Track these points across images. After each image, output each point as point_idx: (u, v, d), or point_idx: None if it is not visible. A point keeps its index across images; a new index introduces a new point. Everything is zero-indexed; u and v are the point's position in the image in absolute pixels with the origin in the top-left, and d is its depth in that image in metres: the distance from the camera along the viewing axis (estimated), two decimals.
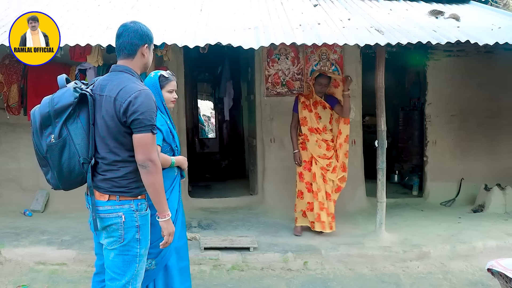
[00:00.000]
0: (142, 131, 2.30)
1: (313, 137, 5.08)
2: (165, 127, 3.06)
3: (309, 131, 5.09)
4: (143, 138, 2.31)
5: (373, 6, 6.04)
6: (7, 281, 4.09)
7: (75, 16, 4.98)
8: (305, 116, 5.11)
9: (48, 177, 2.44)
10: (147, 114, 2.29)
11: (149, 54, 2.53)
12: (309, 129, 5.09)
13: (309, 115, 5.08)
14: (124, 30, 2.46)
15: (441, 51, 6.70)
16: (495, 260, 3.09)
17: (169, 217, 2.48)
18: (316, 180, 5.02)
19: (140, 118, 2.28)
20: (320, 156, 5.06)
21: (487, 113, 6.82)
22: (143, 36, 2.47)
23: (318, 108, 5.08)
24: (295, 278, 4.32)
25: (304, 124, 5.11)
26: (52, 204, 6.09)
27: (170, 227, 2.50)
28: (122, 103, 2.28)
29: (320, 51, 6.41)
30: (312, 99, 5.10)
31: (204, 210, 6.23)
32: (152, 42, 2.56)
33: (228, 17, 5.17)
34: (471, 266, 4.55)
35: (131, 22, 2.50)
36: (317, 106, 5.08)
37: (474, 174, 6.80)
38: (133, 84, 2.35)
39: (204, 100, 16.23)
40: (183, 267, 3.20)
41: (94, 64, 5.47)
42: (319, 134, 5.07)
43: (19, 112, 5.97)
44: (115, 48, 2.50)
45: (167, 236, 2.50)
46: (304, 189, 5.13)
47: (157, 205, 2.43)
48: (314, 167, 5.06)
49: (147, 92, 2.35)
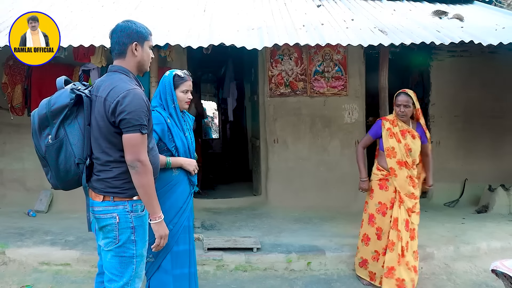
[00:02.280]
0: (130, 131, 2.29)
1: (403, 172, 4.02)
2: (162, 126, 3.01)
3: (398, 164, 4.02)
4: (131, 138, 2.29)
5: (376, 6, 6.04)
6: (11, 281, 4.10)
7: (78, 17, 5.00)
8: (393, 146, 4.02)
9: (48, 177, 2.45)
10: (134, 114, 2.28)
11: (142, 52, 2.48)
12: (398, 162, 4.02)
13: (398, 145, 4.01)
14: (113, 30, 2.47)
15: (444, 52, 6.69)
16: (499, 261, 3.07)
17: (161, 219, 2.46)
18: (398, 227, 4.00)
19: (128, 118, 2.27)
20: (408, 195, 4.06)
21: (491, 114, 6.80)
22: (130, 35, 2.44)
23: (407, 138, 4.01)
24: (299, 279, 4.32)
25: (392, 156, 4.03)
26: (56, 204, 6.11)
27: (162, 230, 2.48)
28: (111, 103, 2.28)
29: (324, 51, 6.41)
30: (398, 126, 4.06)
31: (207, 211, 6.23)
32: (146, 39, 2.50)
33: (232, 18, 5.17)
34: (475, 267, 4.53)
35: (122, 21, 2.49)
36: (406, 135, 4.02)
37: (478, 174, 6.78)
38: (123, 84, 2.34)
39: (207, 100, 16.25)
40: (179, 274, 3.09)
41: (98, 65, 5.50)
42: (408, 169, 4.03)
43: (23, 112, 6.01)
44: None
45: (159, 238, 2.49)
46: (373, 235, 4.14)
47: (147, 206, 2.42)
48: (396, 210, 4.03)
49: (136, 92, 2.32)
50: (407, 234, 4.00)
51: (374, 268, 4.13)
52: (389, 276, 3.93)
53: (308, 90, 6.43)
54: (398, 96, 4.02)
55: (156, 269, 2.99)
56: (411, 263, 3.96)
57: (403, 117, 4.01)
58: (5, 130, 6.23)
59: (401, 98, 3.99)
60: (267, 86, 6.47)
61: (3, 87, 5.96)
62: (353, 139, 5.27)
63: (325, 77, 6.50)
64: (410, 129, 4.02)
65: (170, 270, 3.02)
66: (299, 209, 6.04)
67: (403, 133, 4.02)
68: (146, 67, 2.57)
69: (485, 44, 4.41)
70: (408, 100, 3.97)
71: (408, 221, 4.03)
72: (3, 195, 6.25)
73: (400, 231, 3.98)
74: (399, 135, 4.01)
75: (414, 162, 4.03)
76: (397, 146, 4.00)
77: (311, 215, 5.90)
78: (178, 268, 3.09)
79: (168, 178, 3.03)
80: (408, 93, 3.99)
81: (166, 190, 3.01)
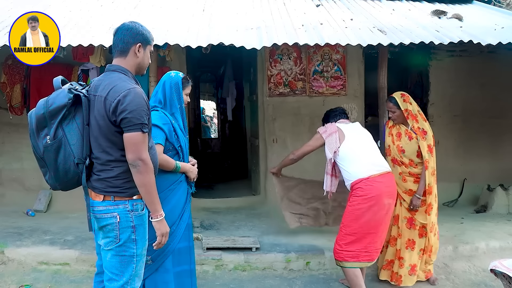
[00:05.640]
0: (131, 130, 2.29)
1: (396, 170, 4.11)
2: (168, 126, 3.03)
3: (392, 162, 4.14)
4: (132, 137, 2.30)
5: (375, 6, 6.04)
6: (10, 281, 4.10)
7: (77, 17, 4.99)
8: (389, 145, 4.20)
9: (46, 178, 2.45)
10: (136, 112, 2.28)
11: (143, 54, 2.50)
12: (392, 160, 4.15)
13: (392, 145, 4.17)
14: (120, 28, 2.48)
15: (443, 51, 6.69)
16: (498, 261, 3.08)
17: (162, 217, 2.47)
18: (399, 223, 4.12)
19: (129, 117, 2.27)
20: (405, 191, 4.10)
21: (490, 113, 6.81)
22: (136, 35, 2.46)
23: (403, 140, 4.10)
24: (298, 279, 4.32)
25: (388, 153, 4.21)
26: (55, 204, 6.11)
27: (163, 228, 2.50)
28: (112, 102, 2.28)
29: (323, 51, 6.42)
30: (396, 128, 4.19)
31: (206, 210, 6.24)
32: (149, 43, 2.54)
33: (231, 17, 5.17)
34: (474, 267, 4.54)
35: (129, 22, 2.52)
36: (401, 137, 4.12)
37: (477, 174, 6.78)
38: (123, 83, 2.34)
39: (206, 100, 16.26)
40: (181, 271, 3.12)
41: (97, 65, 5.50)
42: (406, 167, 4.09)
43: (22, 112, 6.00)
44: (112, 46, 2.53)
45: (160, 236, 2.50)
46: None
47: (149, 205, 2.43)
48: (397, 207, 4.12)
49: (136, 91, 2.33)
50: (411, 232, 4.07)
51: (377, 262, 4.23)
52: (386, 268, 4.18)
53: (307, 89, 6.43)
54: (386, 102, 4.28)
55: (155, 270, 2.99)
56: (409, 261, 4.04)
57: (394, 120, 4.18)
58: (4, 130, 6.23)
59: (386, 103, 4.24)
60: (266, 86, 6.47)
61: (2, 87, 5.95)
62: None
63: (324, 76, 6.50)
64: (408, 130, 4.09)
65: (171, 269, 3.04)
66: None
67: (399, 135, 4.14)
68: (143, 71, 2.59)
69: (484, 44, 4.41)
70: (390, 105, 4.14)
71: (411, 219, 4.09)
72: (2, 195, 6.25)
73: (400, 228, 4.12)
74: (395, 136, 4.16)
75: (412, 161, 4.06)
76: (391, 145, 4.18)
77: None
78: (179, 265, 3.12)
79: (173, 179, 3.05)
80: (394, 97, 4.12)
81: (168, 193, 3.01)
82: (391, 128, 4.23)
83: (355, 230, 3.68)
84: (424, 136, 4.00)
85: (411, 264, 4.05)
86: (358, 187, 3.70)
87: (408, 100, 4.09)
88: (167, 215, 2.56)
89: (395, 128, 4.19)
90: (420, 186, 4.02)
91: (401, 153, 4.10)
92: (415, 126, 4.04)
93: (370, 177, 3.69)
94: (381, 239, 3.79)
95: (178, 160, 3.09)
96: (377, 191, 3.65)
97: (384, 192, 3.69)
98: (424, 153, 3.97)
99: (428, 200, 4.01)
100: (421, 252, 4.08)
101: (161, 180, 2.44)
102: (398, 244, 4.11)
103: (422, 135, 4.01)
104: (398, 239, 4.12)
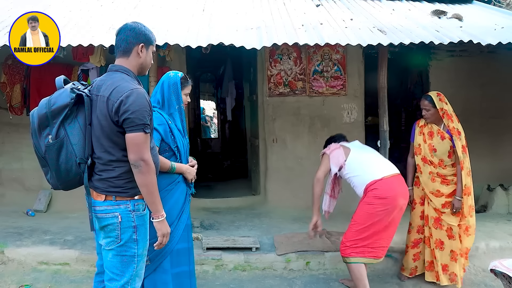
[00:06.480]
0: (133, 131, 2.29)
1: (427, 169, 4.18)
2: (164, 127, 3.01)
3: (423, 161, 4.21)
4: (135, 137, 2.30)
5: (375, 6, 6.03)
6: (10, 281, 4.10)
7: (77, 17, 4.99)
8: (419, 143, 4.24)
9: (48, 177, 2.45)
10: (138, 113, 2.28)
11: (145, 55, 2.51)
12: (423, 159, 4.21)
13: (423, 144, 4.21)
14: (122, 28, 2.49)
15: (443, 51, 6.69)
16: (498, 261, 3.08)
17: (163, 218, 2.48)
18: (429, 224, 4.16)
19: (132, 117, 2.27)
20: (433, 192, 4.15)
21: (490, 113, 6.81)
22: (139, 35, 2.47)
23: (435, 139, 4.15)
24: (297, 279, 4.33)
25: (418, 153, 4.25)
26: (55, 204, 6.11)
27: (164, 228, 2.50)
28: (114, 102, 2.28)
29: (323, 51, 6.42)
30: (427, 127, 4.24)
31: (206, 210, 6.24)
32: (151, 44, 2.55)
33: (231, 17, 5.17)
34: (474, 267, 4.54)
35: (131, 22, 2.53)
36: (433, 136, 4.17)
37: (476, 174, 6.70)
38: (126, 83, 2.35)
39: (206, 100, 16.25)
40: (180, 272, 3.11)
41: (97, 65, 5.50)
42: (435, 167, 4.15)
43: (22, 112, 6.00)
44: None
45: (161, 237, 2.50)
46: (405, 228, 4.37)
47: (150, 205, 2.43)
48: (426, 207, 4.20)
49: (139, 91, 2.33)
50: (438, 232, 4.11)
51: (403, 260, 4.38)
52: (429, 270, 4.20)
53: (307, 89, 6.43)
54: (420, 100, 4.24)
55: (153, 271, 2.98)
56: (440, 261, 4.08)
57: (426, 119, 4.20)
58: (4, 130, 6.23)
59: (421, 101, 4.22)
60: (266, 86, 6.47)
61: (2, 87, 5.95)
62: (352, 138, 5.21)
63: (324, 76, 6.50)
64: (441, 130, 4.13)
65: (169, 269, 3.03)
66: (298, 209, 6.02)
67: (431, 134, 4.19)
68: (145, 71, 2.60)
69: (484, 43, 4.41)
70: (425, 103, 4.14)
71: (438, 219, 4.13)
72: (2, 195, 6.25)
73: (430, 228, 4.16)
74: (426, 135, 4.21)
75: (442, 161, 4.13)
76: (422, 144, 4.21)
77: (310, 215, 5.78)
78: (178, 266, 3.10)
79: (167, 180, 3.03)
80: (430, 95, 4.16)
81: (165, 194, 2.99)
82: (422, 127, 4.26)
83: (367, 228, 3.72)
84: (459, 136, 4.04)
85: (442, 263, 4.09)
86: (373, 188, 3.73)
87: (443, 100, 4.14)
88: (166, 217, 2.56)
89: (426, 127, 4.22)
90: (458, 187, 4.09)
91: (432, 152, 4.14)
92: (451, 125, 4.06)
93: (383, 178, 3.75)
94: (388, 237, 3.82)
95: (175, 161, 3.07)
96: (392, 192, 3.70)
97: (399, 192, 3.74)
98: (459, 153, 4.03)
99: (468, 202, 4.06)
100: (451, 254, 4.07)
101: (158, 180, 2.45)
102: (431, 244, 4.16)
103: (457, 135, 4.04)
104: (430, 239, 4.16)
